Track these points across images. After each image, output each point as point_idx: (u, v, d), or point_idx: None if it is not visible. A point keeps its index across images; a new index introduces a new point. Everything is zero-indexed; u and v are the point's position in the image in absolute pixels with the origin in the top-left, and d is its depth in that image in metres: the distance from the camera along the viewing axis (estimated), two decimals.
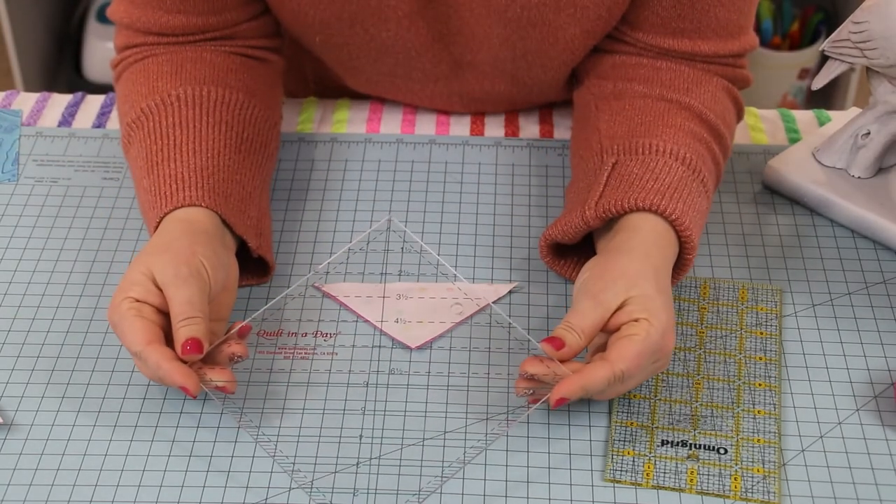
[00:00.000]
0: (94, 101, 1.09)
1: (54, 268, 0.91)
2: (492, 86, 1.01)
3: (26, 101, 1.09)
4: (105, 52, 2.23)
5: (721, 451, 0.78)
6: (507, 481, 0.76)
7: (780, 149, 1.02)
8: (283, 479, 0.76)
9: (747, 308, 0.88)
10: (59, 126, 1.06)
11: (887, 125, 0.94)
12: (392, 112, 1.08)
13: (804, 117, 1.09)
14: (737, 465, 0.77)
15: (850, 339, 0.86)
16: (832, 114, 1.08)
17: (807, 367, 0.84)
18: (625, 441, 0.78)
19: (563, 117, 1.07)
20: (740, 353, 0.84)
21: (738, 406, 0.81)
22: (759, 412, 0.80)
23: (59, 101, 1.09)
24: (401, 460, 0.77)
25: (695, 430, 0.79)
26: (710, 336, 0.86)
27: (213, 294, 0.80)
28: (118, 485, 0.76)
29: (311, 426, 0.79)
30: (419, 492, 0.75)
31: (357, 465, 0.77)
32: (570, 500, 0.75)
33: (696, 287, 0.89)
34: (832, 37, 0.91)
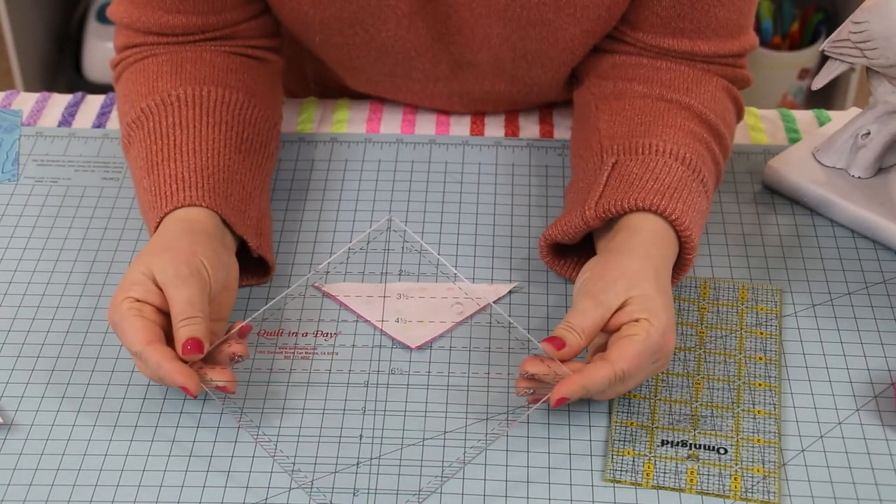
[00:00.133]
0: (94, 101, 1.09)
1: (54, 268, 0.91)
2: (492, 86, 1.01)
3: (26, 101, 1.09)
4: (105, 52, 2.23)
5: (721, 451, 0.78)
6: (507, 481, 0.76)
7: (780, 149, 1.02)
8: (282, 479, 0.76)
9: (747, 308, 0.88)
10: (59, 126, 1.06)
11: (887, 125, 0.94)
12: (392, 112, 1.08)
13: (804, 117, 1.09)
14: (737, 465, 0.77)
15: (850, 339, 0.86)
16: (832, 114, 1.08)
17: (807, 367, 0.84)
18: (625, 441, 0.78)
19: (563, 117, 1.07)
20: (740, 353, 0.84)
21: (738, 406, 0.81)
22: (759, 412, 0.80)
23: (59, 101, 1.09)
24: (401, 460, 0.77)
25: (695, 430, 0.79)
26: (710, 336, 0.86)
27: (214, 294, 0.80)
28: (118, 485, 0.76)
29: (311, 426, 0.79)
30: (419, 492, 0.75)
31: (357, 464, 0.77)
32: (570, 500, 0.75)
33: (696, 287, 0.89)
34: (832, 37, 0.91)
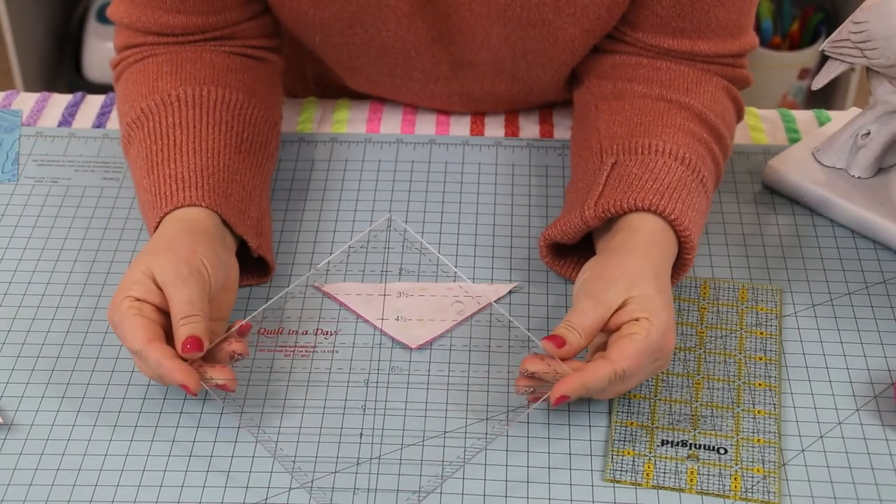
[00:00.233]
0: (94, 101, 1.09)
1: (54, 268, 0.91)
2: (492, 86, 1.01)
3: (26, 101, 1.09)
4: (105, 52, 2.23)
5: (721, 451, 0.78)
6: (507, 481, 0.76)
7: (780, 149, 1.02)
8: (283, 478, 0.76)
9: (747, 308, 0.88)
10: (59, 126, 1.06)
11: (887, 125, 0.94)
12: (392, 112, 1.08)
13: (804, 117, 1.09)
14: (737, 465, 0.77)
15: (850, 339, 0.86)
16: (832, 114, 1.08)
17: (807, 367, 0.84)
18: (625, 441, 0.78)
19: (563, 117, 1.07)
20: (740, 353, 0.84)
21: (738, 406, 0.81)
22: (759, 412, 0.80)
23: (59, 101, 1.09)
24: (401, 459, 0.77)
25: (695, 430, 0.79)
26: (710, 336, 0.86)
27: (213, 293, 0.80)
28: (118, 485, 0.76)
29: (312, 425, 0.79)
30: (419, 491, 0.75)
31: (357, 464, 0.77)
32: (570, 500, 0.75)
33: (696, 287, 0.89)
34: (832, 37, 0.91)
